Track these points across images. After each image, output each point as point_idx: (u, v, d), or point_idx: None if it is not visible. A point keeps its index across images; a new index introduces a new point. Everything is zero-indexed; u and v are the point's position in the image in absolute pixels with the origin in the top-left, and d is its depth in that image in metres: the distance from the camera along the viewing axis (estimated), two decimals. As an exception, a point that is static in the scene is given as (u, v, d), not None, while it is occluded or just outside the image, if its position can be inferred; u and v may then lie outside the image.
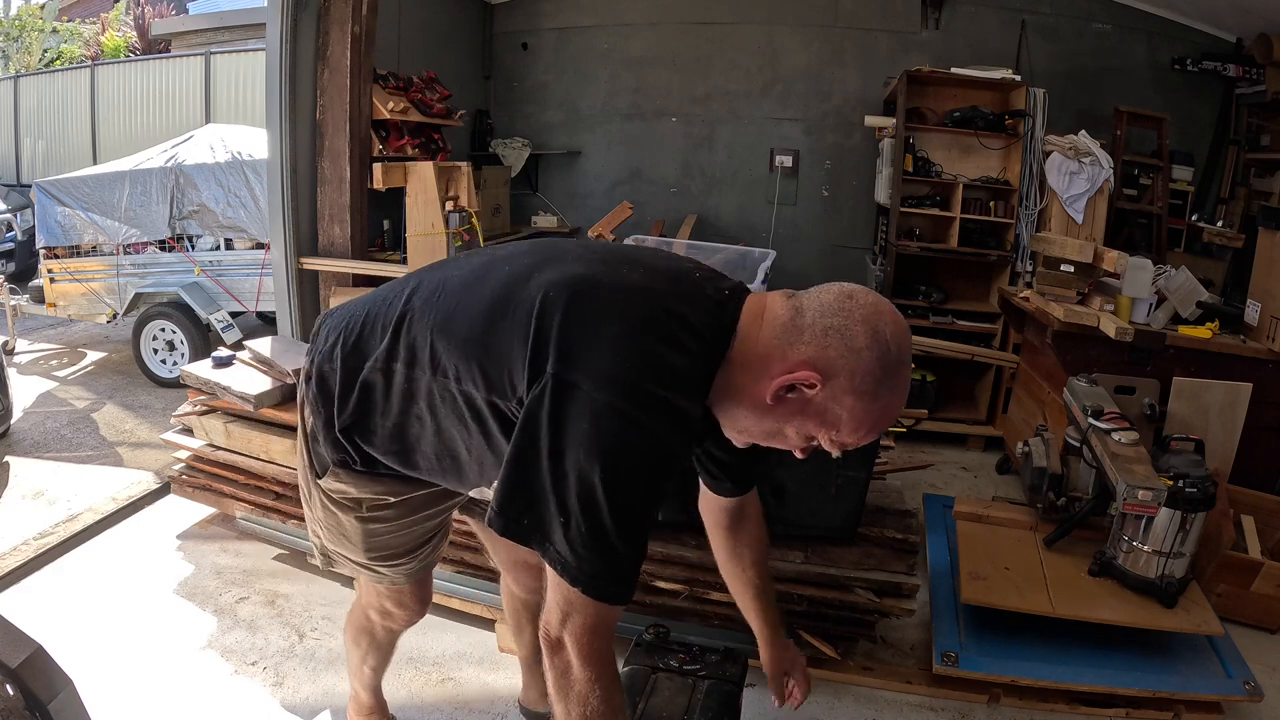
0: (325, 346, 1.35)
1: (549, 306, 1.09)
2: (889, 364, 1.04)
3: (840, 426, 1.08)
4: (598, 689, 1.11)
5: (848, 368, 1.04)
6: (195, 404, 2.77)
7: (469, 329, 1.17)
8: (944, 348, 4.00)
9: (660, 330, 1.08)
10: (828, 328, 1.05)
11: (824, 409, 1.07)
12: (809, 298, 1.10)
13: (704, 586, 2.15)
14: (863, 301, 1.07)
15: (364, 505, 1.44)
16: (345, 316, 1.36)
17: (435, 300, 1.24)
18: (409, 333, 1.24)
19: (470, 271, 1.25)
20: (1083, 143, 4.09)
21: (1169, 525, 2.19)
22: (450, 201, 3.47)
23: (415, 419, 1.27)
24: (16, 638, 1.08)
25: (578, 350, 1.06)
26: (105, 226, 4.85)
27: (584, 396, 1.04)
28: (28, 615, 2.30)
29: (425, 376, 1.22)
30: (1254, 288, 3.03)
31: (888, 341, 1.04)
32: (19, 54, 11.26)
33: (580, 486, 1.04)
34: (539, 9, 5.72)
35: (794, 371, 1.06)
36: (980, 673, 2.12)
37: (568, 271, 1.15)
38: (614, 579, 1.09)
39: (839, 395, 1.05)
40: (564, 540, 1.06)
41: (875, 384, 1.04)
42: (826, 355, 1.05)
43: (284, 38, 3.55)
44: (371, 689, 1.84)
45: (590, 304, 1.10)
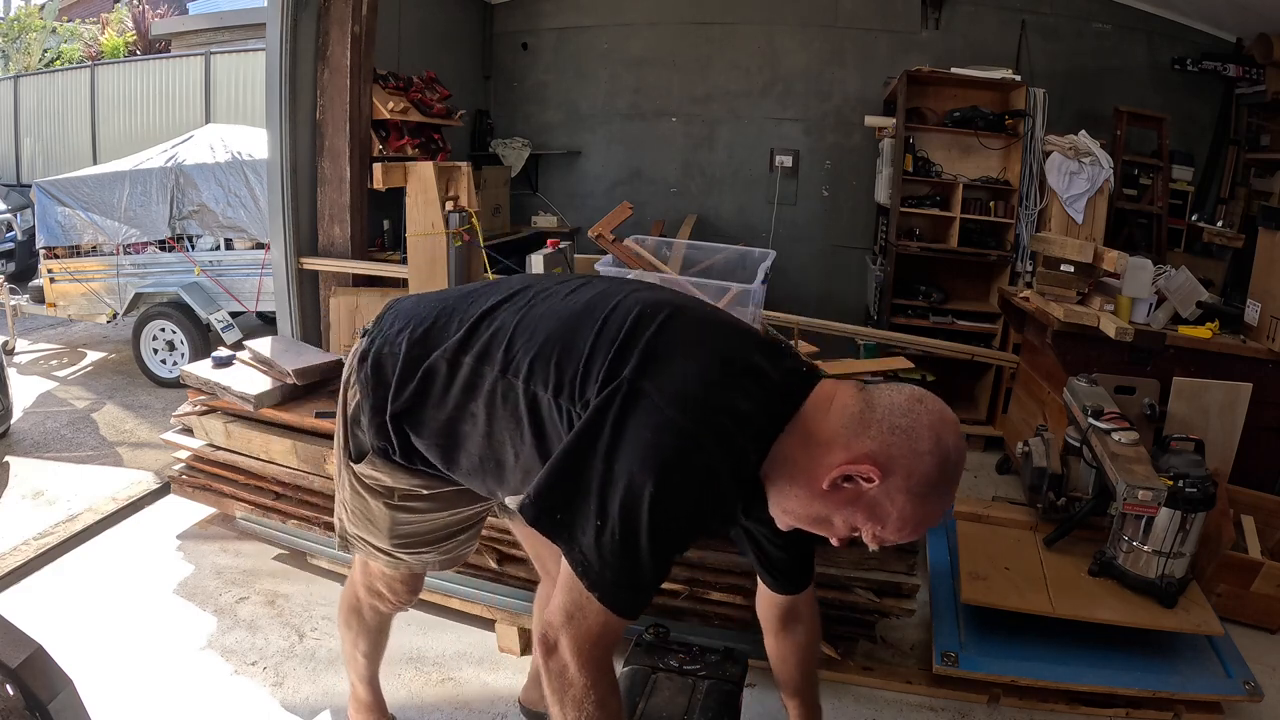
0: (390, 330, 1.36)
1: (642, 320, 1.15)
2: (946, 472, 1.08)
3: (887, 523, 1.10)
4: (594, 694, 1.11)
5: (907, 468, 1.06)
6: (195, 404, 2.77)
7: (555, 328, 1.21)
8: (944, 348, 4.00)
9: (738, 373, 1.12)
10: (895, 426, 1.07)
11: (875, 504, 1.09)
12: (880, 394, 1.12)
13: (704, 586, 2.15)
14: (931, 408, 1.09)
15: (396, 494, 1.45)
16: (419, 305, 1.39)
17: (525, 304, 1.28)
18: (489, 328, 1.27)
19: (565, 284, 1.32)
20: (1083, 143, 4.09)
21: (1169, 525, 2.19)
22: (450, 201, 3.47)
23: (469, 415, 1.28)
24: (16, 638, 1.08)
25: (659, 364, 1.10)
26: (105, 226, 4.85)
27: (653, 407, 1.06)
28: (28, 615, 2.30)
29: (493, 373, 1.23)
30: (1254, 288, 3.03)
31: (949, 451, 1.07)
32: (19, 54, 11.26)
33: (627, 494, 1.05)
34: (539, 9, 5.72)
35: (856, 463, 1.07)
36: (980, 673, 2.12)
37: (666, 297, 1.22)
38: (632, 592, 1.09)
39: (893, 493, 1.07)
40: (594, 543, 1.07)
41: (929, 488, 1.07)
42: (889, 452, 1.07)
43: (284, 38, 3.55)
44: (367, 681, 1.83)
45: (680, 327, 1.15)
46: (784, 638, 1.51)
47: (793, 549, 1.32)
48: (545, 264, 2.97)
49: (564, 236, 4.65)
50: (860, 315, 5.07)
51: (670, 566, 1.12)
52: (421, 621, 2.38)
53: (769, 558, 1.37)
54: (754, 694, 2.06)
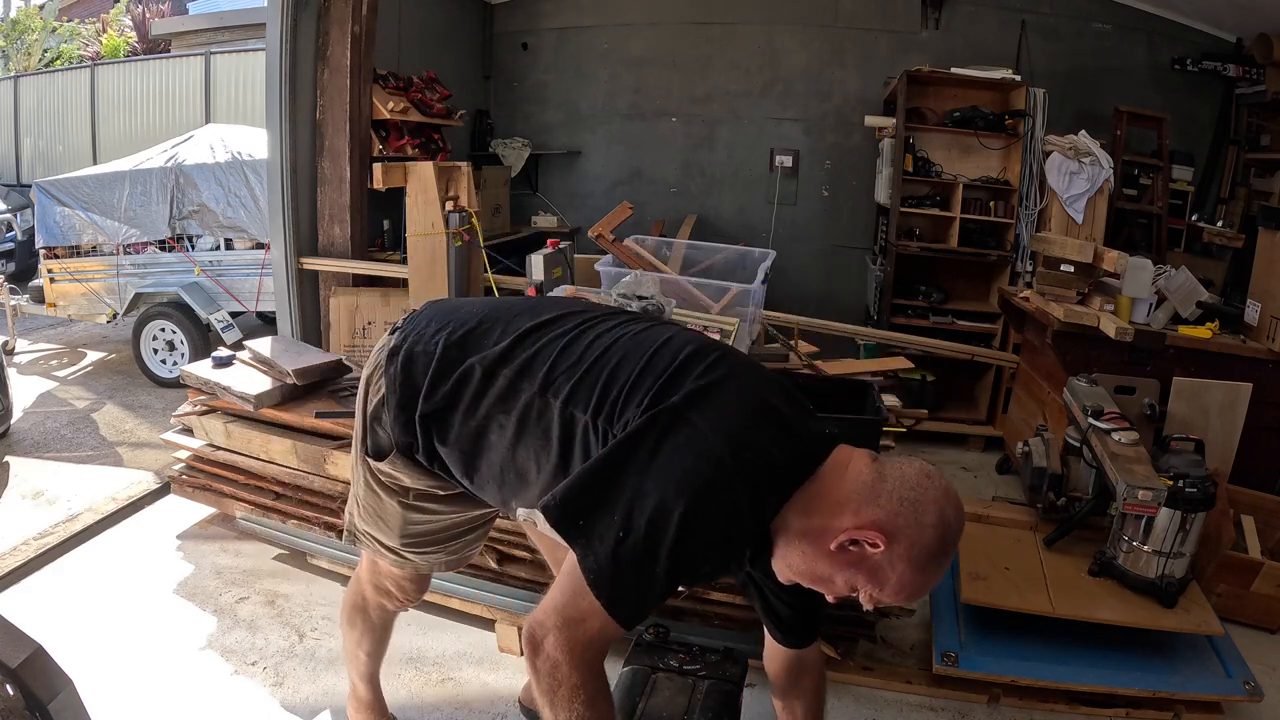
0: (426, 330, 1.37)
1: (695, 357, 1.21)
2: (945, 546, 1.14)
3: (885, 588, 1.14)
4: (583, 694, 1.13)
5: (910, 538, 1.11)
6: (195, 404, 2.77)
7: (602, 355, 1.25)
8: (944, 348, 4.00)
9: (775, 423, 1.18)
10: (904, 498, 1.13)
11: (877, 569, 1.13)
12: (892, 466, 1.17)
13: (704, 586, 2.15)
14: (938, 484, 1.16)
15: (412, 494, 1.46)
16: (457, 309, 1.40)
17: (574, 329, 1.31)
18: (532, 347, 1.29)
19: (616, 317, 1.36)
20: (1083, 143, 4.09)
21: (1169, 525, 2.19)
22: (450, 201, 3.47)
23: (498, 426, 1.29)
24: (16, 638, 1.08)
25: (708, 399, 1.15)
26: (105, 226, 4.85)
27: (697, 435, 1.11)
28: (28, 615, 2.30)
29: (531, 390, 1.25)
30: (1254, 288, 3.03)
31: (950, 525, 1.13)
32: (19, 54, 11.26)
33: (656, 511, 1.07)
34: (539, 9, 5.72)
35: (864, 529, 1.12)
36: (980, 673, 2.12)
37: (715, 342, 1.29)
38: (638, 606, 1.12)
39: (895, 560, 1.12)
40: (612, 553, 1.08)
41: (929, 559, 1.13)
42: (896, 522, 1.12)
43: (284, 38, 3.55)
44: (368, 679, 1.84)
45: (730, 369, 1.21)
46: (791, 691, 1.52)
47: (799, 603, 1.36)
48: (545, 264, 2.97)
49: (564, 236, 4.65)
50: (860, 315, 5.07)
51: (677, 590, 1.15)
52: (421, 621, 2.38)
53: (776, 613, 1.40)
54: (754, 694, 2.06)
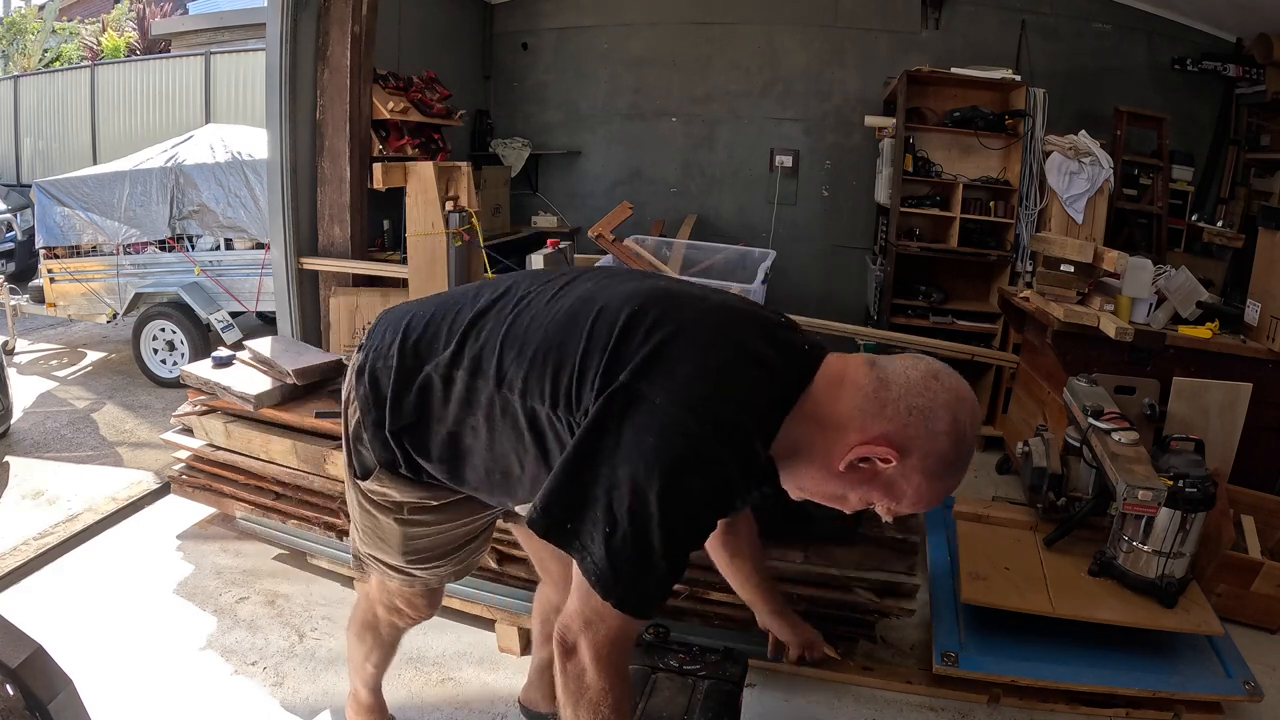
0: (382, 344, 1.33)
1: (634, 319, 1.10)
2: (961, 451, 1.08)
3: (902, 500, 1.11)
4: (610, 698, 1.11)
5: (923, 449, 1.06)
6: (195, 404, 2.77)
7: (543, 339, 1.16)
8: (944, 348, 4.00)
9: (740, 360, 1.09)
10: (912, 407, 1.06)
11: (892, 483, 1.09)
12: (894, 371, 1.10)
13: (704, 586, 2.15)
14: (947, 385, 1.09)
15: (405, 508, 1.42)
16: (405, 315, 1.34)
17: (510, 314, 1.23)
18: (476, 342, 1.23)
19: (548, 284, 1.26)
20: (1083, 143, 4.09)
21: (1169, 525, 2.19)
22: (450, 201, 3.47)
23: (470, 429, 1.25)
24: (16, 638, 1.08)
25: (656, 365, 1.06)
26: (105, 226, 4.85)
27: (656, 410, 1.04)
28: (28, 615, 2.30)
29: (488, 387, 1.20)
30: (1254, 288, 3.03)
31: (965, 429, 1.07)
32: (19, 55, 11.27)
33: (634, 499, 1.03)
34: (539, 9, 5.73)
35: (873, 444, 1.06)
36: (980, 673, 2.12)
37: (656, 287, 1.16)
38: (645, 595, 1.08)
39: (909, 473, 1.08)
40: (604, 550, 1.05)
41: (945, 467, 1.08)
42: (906, 434, 1.06)
43: (284, 38, 3.55)
44: (372, 687, 1.83)
45: (675, 320, 1.10)
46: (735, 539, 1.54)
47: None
48: (545, 264, 2.97)
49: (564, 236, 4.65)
50: (860, 315, 5.07)
51: (685, 564, 1.10)
52: (422, 621, 2.37)
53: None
54: (754, 694, 2.06)
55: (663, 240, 3.58)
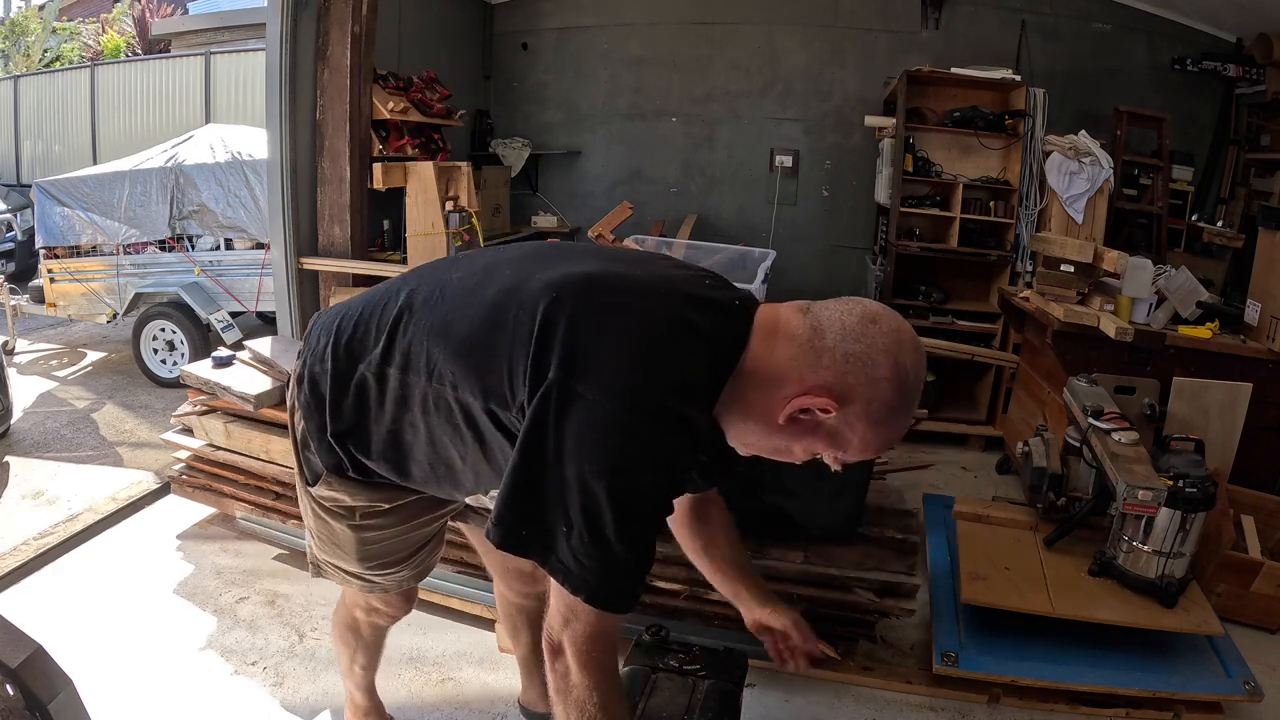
0: (317, 348, 1.31)
1: (553, 310, 1.06)
2: (906, 395, 1.04)
3: (848, 449, 1.08)
4: (596, 696, 1.10)
5: (865, 396, 1.03)
6: (195, 404, 2.77)
7: (468, 334, 1.13)
8: (944, 348, 4.00)
9: (670, 338, 1.05)
10: (849, 354, 1.03)
11: (835, 432, 1.07)
12: (829, 316, 1.06)
13: (704, 586, 2.14)
14: (885, 328, 1.04)
15: (357, 513, 1.40)
16: (337, 316, 1.32)
17: (434, 303, 1.20)
18: (404, 336, 1.20)
19: (471, 274, 1.21)
20: (1083, 143, 4.09)
21: (1169, 525, 2.19)
22: (450, 201, 3.47)
23: (409, 426, 1.23)
24: (16, 638, 1.07)
25: (584, 357, 1.03)
26: (105, 226, 4.85)
27: (591, 405, 1.01)
28: (28, 615, 2.30)
29: (420, 382, 1.18)
30: (1254, 288, 3.03)
31: (907, 372, 1.04)
32: (19, 55, 11.27)
33: (585, 497, 1.02)
34: (539, 9, 5.72)
35: (811, 395, 1.04)
36: (980, 673, 2.12)
37: (573, 272, 1.11)
38: (616, 589, 1.07)
39: (852, 421, 1.05)
40: (567, 549, 1.04)
41: (889, 413, 1.04)
42: (845, 382, 1.03)
43: (284, 38, 3.54)
44: (365, 689, 1.83)
45: (597, 307, 1.07)
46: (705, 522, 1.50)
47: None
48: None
49: (564, 236, 4.65)
50: (860, 315, 5.06)
51: (651, 551, 1.09)
52: (421, 621, 2.37)
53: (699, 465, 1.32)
54: (754, 694, 2.06)
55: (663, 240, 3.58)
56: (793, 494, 2.12)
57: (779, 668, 1.61)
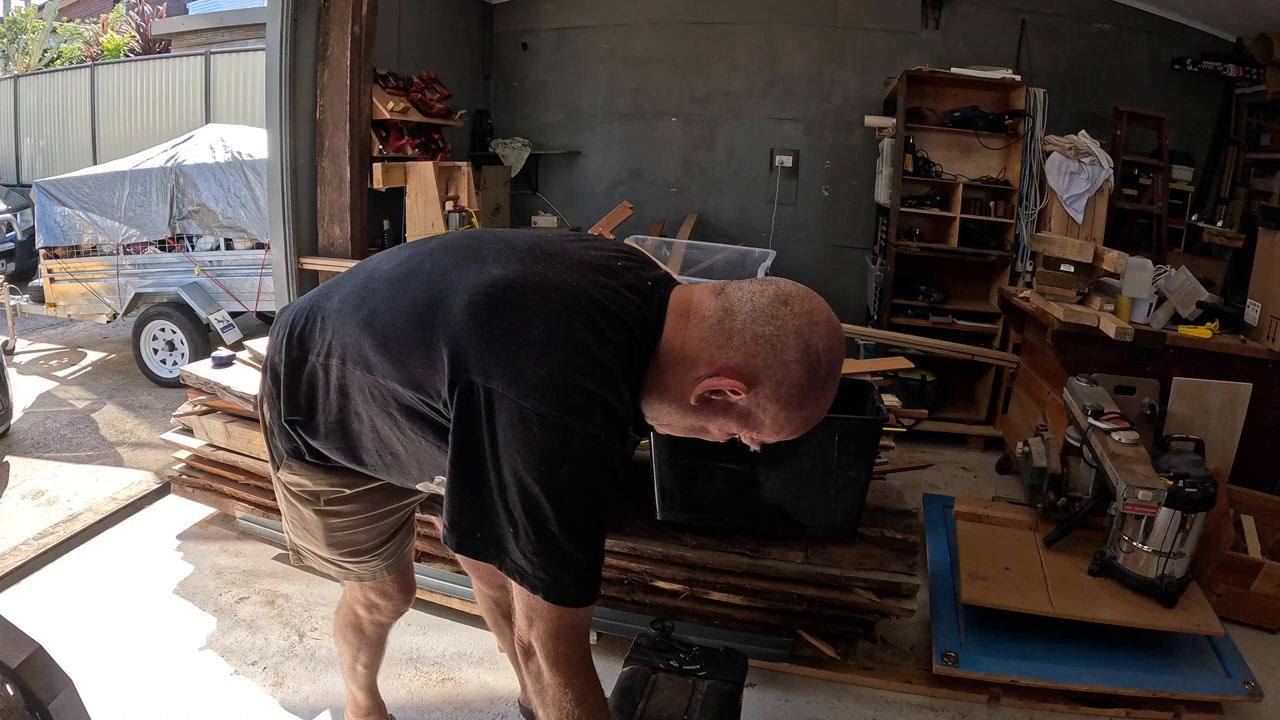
0: (277, 339, 1.35)
1: (468, 315, 1.07)
2: (818, 378, 1.04)
3: (762, 429, 1.09)
4: (570, 692, 1.10)
5: (774, 378, 1.03)
6: (195, 404, 2.77)
7: (392, 328, 1.15)
8: (944, 348, 4.00)
9: (583, 328, 1.06)
10: (758, 335, 1.03)
11: (747, 413, 1.07)
12: (740, 297, 1.06)
13: (704, 586, 2.15)
14: (798, 309, 1.04)
15: (321, 498, 1.44)
16: (295, 308, 1.35)
17: (364, 296, 1.23)
18: (343, 328, 1.23)
19: (396, 268, 1.24)
20: (1083, 143, 4.09)
21: (1169, 525, 2.19)
22: (450, 201, 3.47)
23: (354, 415, 1.26)
24: (16, 638, 1.07)
25: (501, 359, 1.04)
26: (105, 226, 4.85)
27: (513, 405, 1.02)
28: (28, 615, 2.30)
29: (357, 372, 1.21)
30: (1254, 288, 3.03)
31: (819, 355, 1.03)
32: (19, 54, 11.27)
33: (523, 495, 1.03)
34: (539, 9, 5.72)
35: (719, 377, 1.05)
36: (980, 673, 2.12)
37: (488, 275, 1.11)
38: (570, 583, 1.07)
39: (763, 402, 1.05)
40: (516, 549, 1.06)
41: (801, 395, 1.04)
42: (754, 364, 1.03)
43: (284, 38, 3.55)
44: (367, 688, 1.83)
45: (511, 310, 1.07)
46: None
47: None
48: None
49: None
50: (860, 315, 5.06)
51: (599, 540, 1.11)
52: (421, 621, 2.38)
53: None
54: (754, 694, 2.06)
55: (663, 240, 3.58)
56: (793, 494, 2.12)
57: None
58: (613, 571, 2.17)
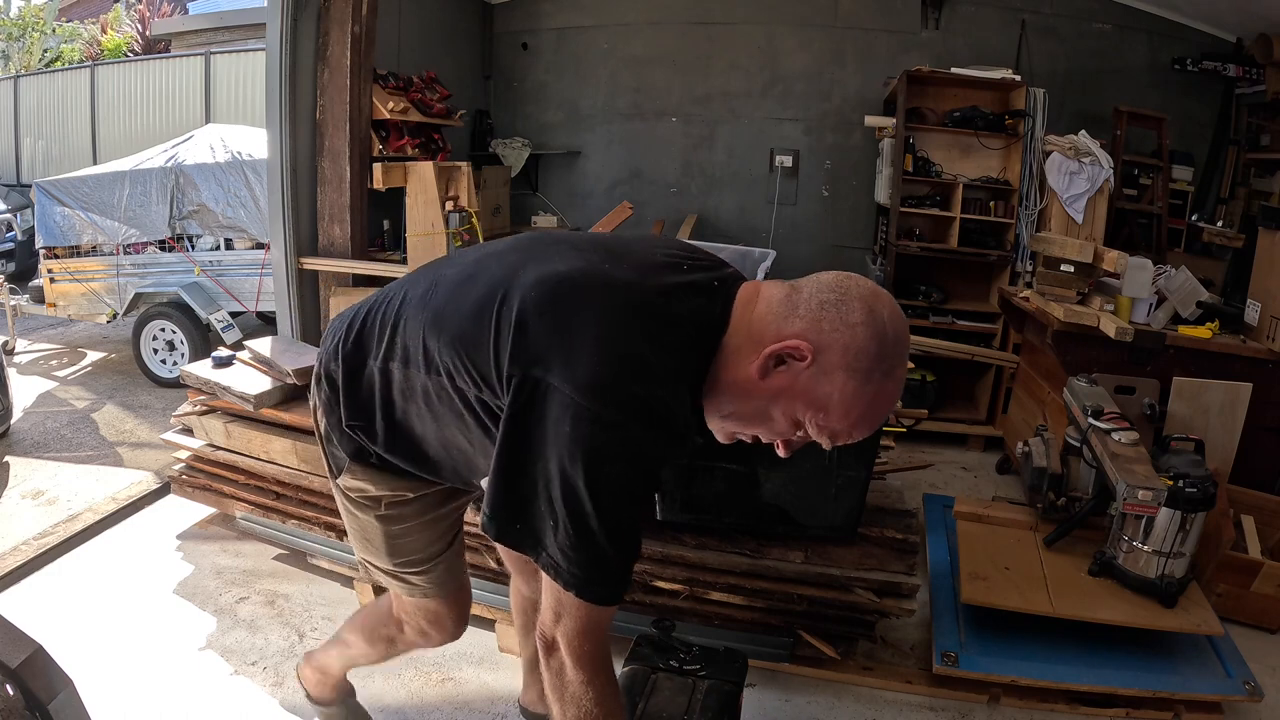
0: (331, 346, 1.36)
1: (529, 307, 1.08)
2: (885, 345, 1.02)
3: (829, 409, 1.05)
4: (590, 691, 1.12)
5: (841, 342, 1.02)
6: (195, 404, 2.77)
7: (458, 327, 1.17)
8: (944, 348, 4.00)
9: (642, 328, 1.07)
10: (824, 302, 1.04)
11: (813, 386, 1.04)
12: (806, 280, 1.09)
13: (704, 586, 2.15)
14: (862, 284, 1.06)
15: (383, 503, 1.44)
16: (349, 315, 1.37)
17: (428, 299, 1.24)
18: (404, 331, 1.24)
19: (462, 269, 1.25)
20: (1083, 143, 4.09)
21: (1169, 525, 2.19)
22: (450, 201, 3.47)
23: (416, 418, 1.27)
24: (16, 638, 1.07)
25: (558, 352, 1.05)
26: (105, 226, 4.85)
27: (565, 399, 1.03)
28: (28, 615, 2.30)
29: (421, 375, 1.22)
30: (1254, 288, 3.03)
31: (885, 323, 1.02)
32: (20, 54, 11.27)
33: (565, 489, 1.04)
34: (539, 9, 5.72)
35: (784, 342, 1.04)
36: (980, 673, 2.12)
37: (550, 270, 1.12)
38: (602, 580, 1.09)
39: (830, 371, 1.03)
40: (554, 542, 1.07)
41: (869, 363, 1.02)
42: (820, 327, 1.03)
43: (284, 38, 3.55)
44: (348, 671, 1.85)
45: (571, 304, 1.08)
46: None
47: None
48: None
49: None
50: (860, 315, 5.06)
51: (636, 541, 1.12)
52: (421, 621, 2.37)
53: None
54: (754, 694, 2.06)
55: (663, 240, 3.60)
56: (793, 494, 2.12)
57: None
58: (613, 571, 2.17)
